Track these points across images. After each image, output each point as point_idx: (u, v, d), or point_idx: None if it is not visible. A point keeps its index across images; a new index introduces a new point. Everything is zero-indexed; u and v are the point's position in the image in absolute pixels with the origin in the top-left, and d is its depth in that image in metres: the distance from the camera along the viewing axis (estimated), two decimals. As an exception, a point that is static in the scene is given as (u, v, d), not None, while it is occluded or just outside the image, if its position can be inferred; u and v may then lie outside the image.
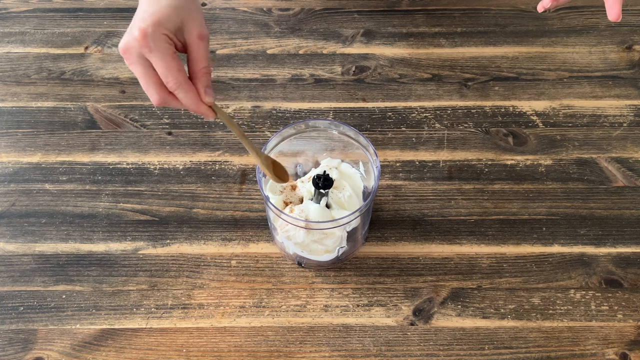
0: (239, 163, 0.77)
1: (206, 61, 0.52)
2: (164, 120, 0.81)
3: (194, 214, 0.73)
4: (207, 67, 0.52)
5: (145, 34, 0.48)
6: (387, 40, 0.90)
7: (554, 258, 0.69)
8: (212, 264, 0.69)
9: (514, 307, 0.66)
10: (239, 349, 0.63)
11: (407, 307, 0.66)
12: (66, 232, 0.71)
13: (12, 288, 0.68)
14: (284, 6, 0.94)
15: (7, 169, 0.77)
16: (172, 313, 0.66)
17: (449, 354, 0.63)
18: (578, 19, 0.92)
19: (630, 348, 0.63)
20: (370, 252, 0.70)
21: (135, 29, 0.49)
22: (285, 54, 0.88)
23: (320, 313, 0.66)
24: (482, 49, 0.88)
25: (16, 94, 0.84)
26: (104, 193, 0.75)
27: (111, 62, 0.87)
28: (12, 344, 0.64)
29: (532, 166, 0.76)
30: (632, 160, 0.77)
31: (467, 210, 0.73)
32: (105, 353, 0.63)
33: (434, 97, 0.83)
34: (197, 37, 0.51)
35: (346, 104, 0.83)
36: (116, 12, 0.94)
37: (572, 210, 0.73)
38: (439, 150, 0.78)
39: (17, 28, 0.92)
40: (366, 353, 0.63)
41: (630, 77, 0.85)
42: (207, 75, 0.53)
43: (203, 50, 0.52)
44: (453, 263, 0.69)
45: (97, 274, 0.68)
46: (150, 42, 0.49)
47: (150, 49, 0.49)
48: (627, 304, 0.66)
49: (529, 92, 0.83)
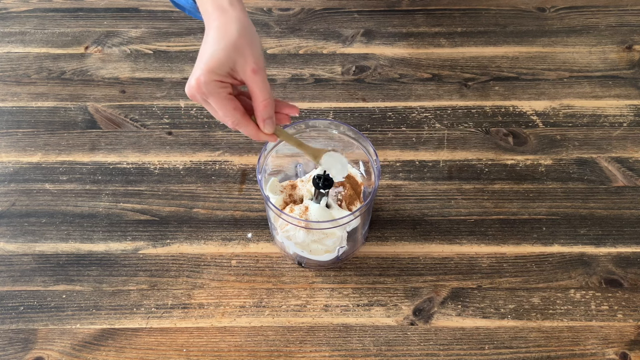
0: (239, 163, 0.77)
1: (264, 93, 0.55)
2: (164, 120, 0.81)
3: (194, 214, 0.73)
4: (266, 99, 0.55)
5: (199, 83, 0.53)
6: (387, 40, 0.90)
7: (554, 258, 0.69)
8: (212, 263, 0.69)
9: (514, 307, 0.66)
10: (239, 348, 0.63)
11: (407, 307, 0.66)
12: (66, 232, 0.71)
13: (12, 288, 0.68)
14: (284, 6, 0.94)
15: (7, 169, 0.77)
16: (172, 313, 0.66)
17: (449, 353, 0.63)
18: (578, 19, 0.92)
19: (630, 348, 0.63)
20: (370, 252, 0.70)
21: (193, 78, 0.54)
22: (285, 54, 0.88)
23: (320, 313, 0.66)
24: (482, 49, 0.88)
25: (16, 94, 0.84)
26: (104, 193, 0.75)
27: (111, 62, 0.87)
28: (12, 343, 0.64)
29: (532, 166, 0.76)
30: (632, 160, 0.77)
31: (467, 210, 0.73)
32: (105, 353, 0.63)
33: (434, 97, 0.83)
34: (251, 73, 0.54)
35: (346, 104, 0.83)
36: (116, 12, 0.94)
37: (572, 210, 0.73)
38: (439, 150, 0.78)
39: (17, 28, 0.92)
40: (366, 353, 0.63)
41: (630, 77, 0.85)
42: (266, 108, 0.55)
43: (259, 83, 0.55)
44: (453, 263, 0.69)
45: (97, 273, 0.68)
46: (204, 90, 0.54)
47: (206, 96, 0.54)
48: (627, 303, 0.66)
49: (529, 92, 0.84)
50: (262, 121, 0.56)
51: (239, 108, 0.55)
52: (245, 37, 0.55)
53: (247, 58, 0.54)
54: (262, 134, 0.57)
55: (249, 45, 0.55)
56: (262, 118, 0.56)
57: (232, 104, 0.55)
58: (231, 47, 0.54)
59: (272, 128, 0.57)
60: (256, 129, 0.57)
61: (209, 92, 0.54)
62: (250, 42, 0.55)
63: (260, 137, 0.57)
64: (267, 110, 0.56)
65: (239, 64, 0.54)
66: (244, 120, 0.56)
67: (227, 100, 0.54)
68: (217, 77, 0.54)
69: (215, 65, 0.53)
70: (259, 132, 0.57)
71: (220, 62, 0.53)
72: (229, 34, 0.54)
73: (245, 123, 0.56)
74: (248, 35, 0.55)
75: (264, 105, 0.55)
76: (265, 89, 0.55)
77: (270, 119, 0.56)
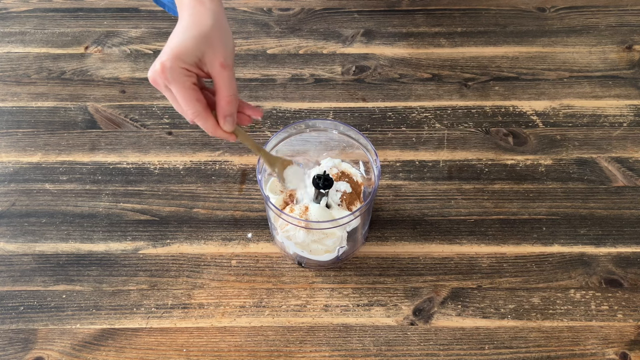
0: (239, 163, 0.77)
1: (229, 89, 0.54)
2: (164, 120, 0.81)
3: (194, 214, 0.73)
4: (230, 95, 0.54)
5: (164, 67, 0.51)
6: (387, 40, 0.90)
7: (554, 258, 0.69)
8: (212, 263, 0.69)
9: (514, 307, 0.66)
10: (239, 348, 0.63)
11: (407, 307, 0.66)
12: (66, 232, 0.71)
13: (12, 288, 0.68)
14: (284, 6, 0.94)
15: (7, 169, 0.77)
16: (172, 313, 0.66)
17: (449, 353, 0.63)
18: (578, 19, 0.92)
19: (630, 348, 0.63)
20: (370, 252, 0.70)
21: (158, 62, 0.52)
22: (286, 54, 0.88)
23: (320, 313, 0.66)
24: (482, 49, 0.88)
25: (16, 94, 0.84)
26: (104, 193, 0.75)
27: (111, 62, 0.87)
28: (12, 343, 0.64)
29: (532, 166, 0.76)
30: (632, 160, 0.77)
31: (467, 210, 0.73)
32: (105, 353, 0.63)
33: (434, 97, 0.83)
34: (219, 67, 0.53)
35: (346, 104, 0.83)
36: (116, 12, 0.94)
37: (572, 210, 0.73)
38: (439, 150, 0.78)
39: (17, 28, 0.92)
40: (366, 353, 0.63)
41: (630, 77, 0.85)
42: (229, 104, 0.54)
43: (226, 79, 0.53)
44: (453, 263, 0.69)
45: (97, 273, 0.68)
46: (168, 75, 0.51)
47: (169, 82, 0.52)
48: (627, 303, 0.66)
49: (529, 92, 0.84)
50: (222, 117, 0.54)
51: (201, 100, 0.53)
52: (218, 30, 0.54)
53: (217, 51, 0.53)
54: (220, 130, 0.55)
55: (220, 39, 0.53)
56: (224, 114, 0.54)
57: (195, 94, 0.53)
58: (202, 37, 0.53)
59: (232, 126, 0.55)
60: (215, 125, 0.55)
61: (172, 78, 0.52)
62: (222, 36, 0.54)
63: (218, 133, 0.55)
64: (230, 107, 0.54)
65: (208, 56, 0.53)
66: (204, 113, 0.54)
67: (190, 89, 0.52)
68: (184, 64, 0.52)
69: (183, 52, 0.52)
70: (218, 129, 0.55)
71: (188, 50, 0.52)
72: (202, 24, 0.53)
73: (205, 116, 0.54)
74: (222, 29, 0.54)
75: (227, 101, 0.54)
76: (232, 86, 0.54)
77: (232, 116, 0.55)
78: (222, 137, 0.56)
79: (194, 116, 0.54)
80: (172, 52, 0.52)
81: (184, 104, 0.53)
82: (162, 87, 0.53)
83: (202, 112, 0.53)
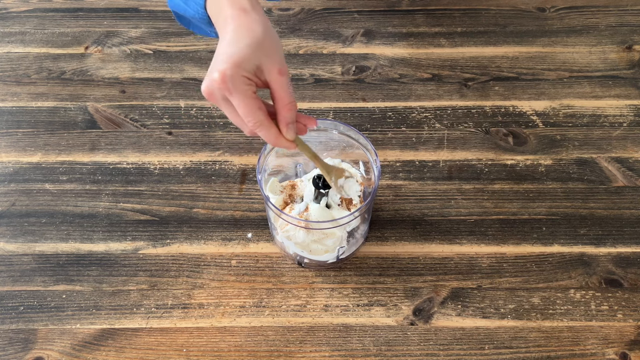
0: (239, 163, 0.77)
1: (288, 97, 0.53)
2: (164, 120, 0.81)
3: (194, 214, 0.73)
4: (290, 102, 0.53)
5: (225, 77, 0.49)
6: (387, 40, 0.90)
7: (554, 258, 0.69)
8: (212, 263, 0.69)
9: (514, 307, 0.66)
10: (239, 348, 0.63)
11: (407, 307, 0.66)
12: (66, 232, 0.71)
13: (12, 288, 0.68)
14: (284, 6, 0.94)
15: (7, 169, 0.77)
16: (172, 313, 0.66)
17: (449, 353, 0.63)
18: (578, 19, 0.92)
19: (630, 348, 0.63)
20: (370, 252, 0.70)
21: (216, 71, 0.50)
22: (285, 54, 0.88)
23: (320, 313, 0.66)
24: (482, 49, 0.88)
25: (16, 94, 0.84)
26: (104, 193, 0.75)
27: (111, 62, 0.87)
28: (12, 343, 0.64)
29: (532, 166, 0.76)
30: (632, 160, 0.77)
31: (467, 210, 0.73)
32: (105, 353, 0.63)
33: (434, 97, 0.83)
34: (277, 74, 0.52)
35: (346, 104, 0.83)
36: (116, 12, 0.94)
37: (572, 210, 0.73)
38: (439, 150, 0.78)
39: (17, 28, 0.92)
40: (366, 353, 0.63)
41: (630, 77, 0.85)
42: (290, 111, 0.53)
43: (285, 85, 0.52)
44: (453, 263, 0.69)
45: (97, 273, 0.68)
46: (229, 85, 0.49)
47: (230, 92, 0.50)
48: (627, 303, 0.66)
49: (529, 92, 0.84)
50: (285, 125, 0.53)
51: (263, 108, 0.52)
52: (270, 37, 0.52)
53: (273, 58, 0.52)
54: (282, 139, 0.54)
55: (274, 46, 0.52)
56: (286, 122, 0.53)
57: (257, 103, 0.51)
58: (257, 45, 0.51)
59: (295, 134, 0.54)
60: (277, 133, 0.53)
61: (234, 87, 0.50)
62: (275, 43, 0.53)
63: (280, 142, 0.54)
64: (291, 114, 0.53)
65: (265, 64, 0.51)
66: (267, 122, 0.52)
67: (252, 98, 0.51)
68: (245, 72, 0.50)
69: (242, 60, 0.50)
70: (280, 137, 0.53)
71: (247, 58, 0.50)
72: (254, 32, 0.51)
73: (268, 125, 0.52)
74: (273, 36, 0.53)
75: (288, 108, 0.53)
76: (290, 93, 0.53)
77: (293, 123, 0.53)
78: (283, 146, 0.54)
79: (256, 126, 0.52)
80: (232, 60, 0.50)
81: (246, 114, 0.51)
82: (220, 98, 0.51)
83: (264, 121, 0.52)
